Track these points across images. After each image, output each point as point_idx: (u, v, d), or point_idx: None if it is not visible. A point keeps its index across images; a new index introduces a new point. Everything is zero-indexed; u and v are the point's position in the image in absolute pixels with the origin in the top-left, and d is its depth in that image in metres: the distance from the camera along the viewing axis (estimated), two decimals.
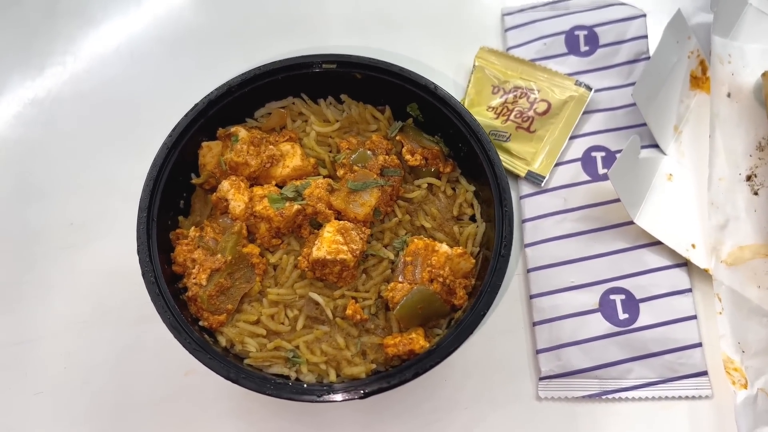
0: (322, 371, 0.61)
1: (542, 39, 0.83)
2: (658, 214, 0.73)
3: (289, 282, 0.63)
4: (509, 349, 0.70)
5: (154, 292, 0.58)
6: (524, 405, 0.68)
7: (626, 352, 0.69)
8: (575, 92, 0.79)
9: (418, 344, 0.59)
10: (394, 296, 0.61)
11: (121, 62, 0.85)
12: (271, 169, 0.66)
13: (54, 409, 0.68)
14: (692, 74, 0.80)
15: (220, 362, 0.56)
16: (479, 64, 0.82)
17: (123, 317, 0.72)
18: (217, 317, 0.61)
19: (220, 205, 0.65)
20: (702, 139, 0.77)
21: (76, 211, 0.77)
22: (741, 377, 0.67)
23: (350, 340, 0.62)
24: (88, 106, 0.83)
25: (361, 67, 0.67)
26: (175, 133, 0.64)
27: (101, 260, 0.74)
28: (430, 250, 0.62)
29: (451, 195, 0.68)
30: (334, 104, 0.72)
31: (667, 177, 0.76)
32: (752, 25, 0.81)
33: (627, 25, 0.83)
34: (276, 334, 0.62)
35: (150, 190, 0.62)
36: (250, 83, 0.67)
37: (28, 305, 0.72)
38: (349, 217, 0.63)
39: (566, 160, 0.77)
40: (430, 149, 0.67)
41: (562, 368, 0.69)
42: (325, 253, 0.60)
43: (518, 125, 0.78)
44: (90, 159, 0.79)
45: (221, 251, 0.62)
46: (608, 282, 0.72)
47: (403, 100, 0.69)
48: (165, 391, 0.69)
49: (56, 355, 0.70)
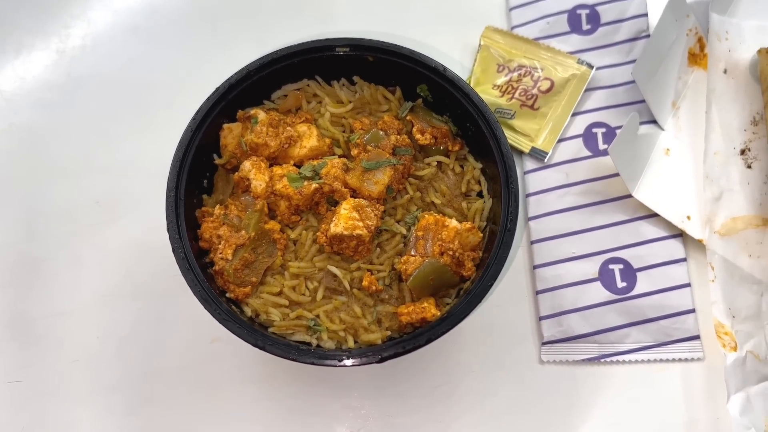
0: (341, 338, 0.65)
1: (545, 18, 0.86)
2: (656, 187, 0.77)
3: (309, 256, 0.67)
4: (514, 317, 0.75)
5: (184, 267, 0.62)
6: (528, 368, 0.73)
7: (624, 318, 0.73)
8: (577, 70, 0.82)
9: (430, 312, 0.63)
10: (407, 268, 0.65)
11: (140, 44, 0.88)
12: (289, 150, 0.70)
13: (89, 376, 0.73)
14: (690, 51, 0.83)
15: (247, 331, 0.60)
16: (485, 43, 0.85)
17: (151, 290, 0.76)
18: (243, 289, 0.65)
19: (242, 184, 0.69)
20: (699, 115, 0.81)
21: (101, 190, 0.80)
22: (731, 341, 0.71)
23: (366, 309, 0.66)
24: (108, 88, 0.86)
25: (373, 50, 0.70)
26: (198, 115, 0.68)
27: (128, 237, 0.78)
28: (440, 225, 0.66)
29: (459, 172, 0.72)
30: (347, 86, 0.75)
31: (664, 151, 0.79)
32: (750, 1, 0.84)
33: (628, 3, 0.86)
34: (297, 304, 0.66)
35: (177, 170, 0.65)
36: (268, 67, 0.70)
37: (62, 280, 0.77)
38: (364, 195, 0.67)
39: (568, 136, 0.81)
40: (439, 128, 0.71)
41: (564, 333, 0.73)
42: (342, 228, 0.64)
43: (522, 103, 0.81)
44: (112, 140, 0.83)
45: (245, 228, 0.66)
46: (607, 252, 0.76)
47: (413, 81, 0.72)
48: (192, 358, 0.73)
49: (89, 326, 0.75)
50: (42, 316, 0.75)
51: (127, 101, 0.85)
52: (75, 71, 0.86)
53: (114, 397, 0.73)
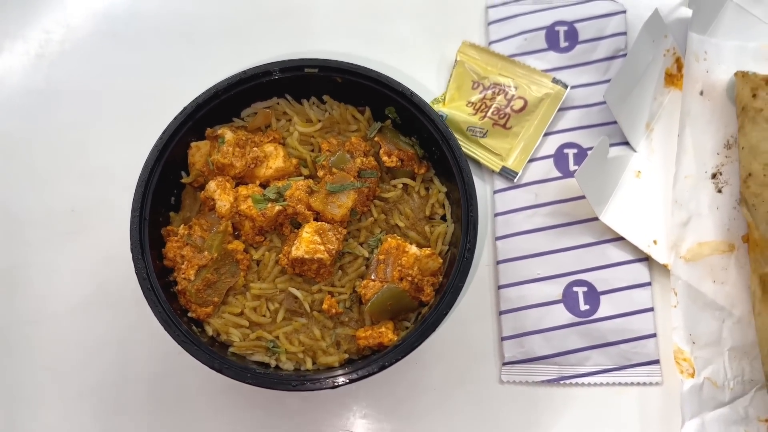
0: (300, 359, 0.67)
1: (523, 34, 0.85)
2: (624, 210, 0.77)
3: (271, 277, 0.69)
4: (476, 336, 0.76)
5: (146, 288, 0.63)
6: (488, 387, 0.74)
7: (585, 340, 0.74)
8: (551, 90, 0.82)
9: (387, 337, 0.65)
10: (366, 293, 0.66)
11: (119, 51, 0.88)
12: (256, 170, 0.70)
13: (60, 384, 0.75)
14: (667, 72, 0.83)
15: (205, 353, 0.62)
16: (460, 59, 0.85)
17: (122, 299, 0.77)
18: (204, 309, 0.67)
19: (208, 202, 0.70)
20: (673, 137, 0.80)
21: (77, 198, 0.81)
22: (689, 367, 0.72)
23: (326, 331, 0.68)
24: (86, 94, 0.86)
25: (341, 71, 0.71)
26: (165, 135, 0.68)
27: (101, 246, 0.79)
28: (401, 251, 0.67)
29: (425, 195, 0.72)
30: (317, 104, 0.75)
31: (635, 174, 0.79)
32: (731, 21, 0.83)
33: (607, 21, 0.85)
34: (258, 325, 0.68)
35: (142, 191, 0.66)
36: (236, 86, 0.70)
37: (35, 287, 0.78)
38: (327, 218, 0.68)
39: (539, 156, 0.81)
40: (405, 152, 0.71)
41: (525, 354, 0.74)
42: (303, 252, 0.65)
43: (495, 122, 0.81)
44: (88, 147, 0.84)
45: (208, 248, 0.67)
46: (572, 275, 0.77)
47: (382, 103, 0.72)
48: (162, 368, 0.75)
49: (61, 335, 0.76)
50: (14, 323, 0.77)
51: (104, 108, 0.85)
52: (53, 77, 0.87)
53: (84, 404, 0.75)
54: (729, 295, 0.74)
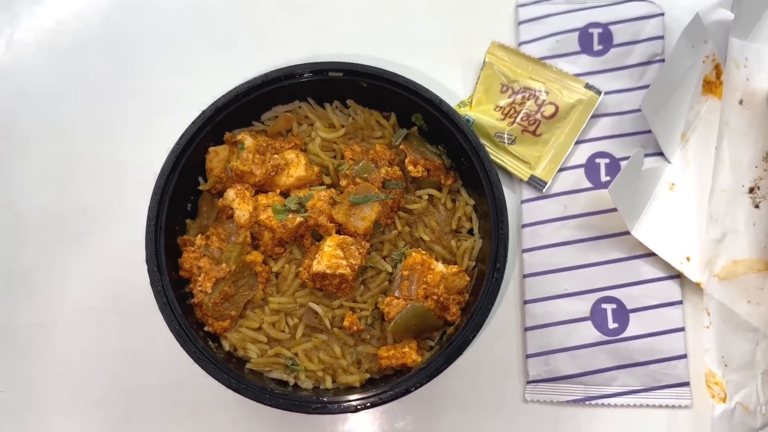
0: (319, 378, 0.65)
1: (555, 36, 0.82)
2: (656, 225, 0.74)
3: (290, 290, 0.66)
4: (500, 352, 0.73)
5: (161, 302, 0.61)
6: (511, 406, 0.72)
7: (613, 360, 0.72)
8: (584, 96, 0.78)
9: (411, 358, 0.62)
10: (390, 311, 0.63)
11: (134, 45, 0.85)
12: (276, 178, 0.67)
13: (72, 390, 0.73)
14: (705, 79, 0.79)
15: (222, 371, 0.59)
16: (489, 60, 0.81)
17: (136, 304, 0.74)
18: (221, 323, 0.64)
19: (226, 211, 0.67)
20: (709, 148, 0.77)
21: (89, 198, 0.79)
22: (721, 391, 0.69)
23: (346, 349, 0.65)
24: (101, 89, 0.83)
25: (367, 76, 0.67)
26: (182, 140, 0.65)
27: (114, 248, 0.77)
28: (426, 267, 0.64)
29: (451, 208, 0.69)
30: (341, 108, 0.72)
31: (669, 186, 0.76)
32: None
33: (643, 24, 0.81)
34: (276, 341, 0.65)
35: (158, 199, 0.64)
36: (258, 89, 0.67)
37: (46, 290, 0.76)
38: (350, 231, 0.65)
39: (570, 165, 0.78)
40: (432, 161, 0.68)
41: (550, 373, 0.72)
42: (325, 267, 0.62)
43: (524, 128, 0.78)
44: (102, 146, 0.81)
45: (226, 260, 0.64)
46: (601, 291, 0.74)
47: (409, 110, 0.69)
48: (175, 377, 0.73)
49: (73, 339, 0.74)
50: (26, 325, 0.75)
51: (118, 105, 0.82)
52: (66, 71, 0.84)
53: (95, 412, 0.73)
54: (764, 316, 0.72)
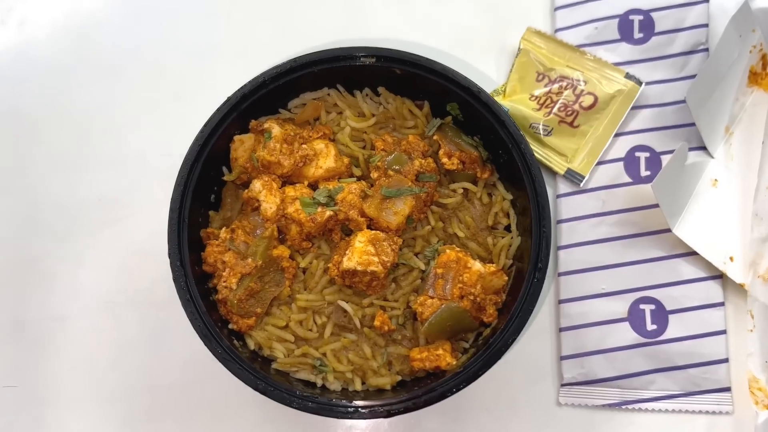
0: (348, 380, 0.62)
1: (594, 23, 0.78)
2: (698, 223, 0.71)
3: (318, 287, 0.63)
4: (534, 353, 0.71)
5: (185, 298, 0.58)
6: (544, 409, 0.69)
7: (650, 363, 0.69)
8: (624, 86, 0.75)
9: (445, 361, 0.59)
10: (423, 312, 0.60)
11: (150, 29, 0.81)
12: (304, 169, 0.64)
13: (87, 385, 0.71)
14: (752, 69, 0.75)
15: (248, 372, 0.57)
16: (524, 47, 0.77)
17: (152, 297, 0.72)
18: (246, 321, 0.61)
19: (252, 203, 0.64)
20: (754, 142, 0.74)
21: (105, 187, 0.76)
22: (765, 397, 0.66)
23: (377, 350, 0.62)
24: (118, 73, 0.80)
25: (402, 62, 0.64)
26: (206, 128, 0.62)
27: (131, 239, 0.74)
28: (462, 266, 0.61)
29: (487, 203, 0.66)
30: (371, 96, 0.68)
31: (711, 182, 0.73)
32: None
33: (687, 11, 0.77)
34: (303, 340, 0.62)
35: (181, 190, 0.61)
36: (285, 75, 0.64)
37: (60, 282, 0.73)
38: (382, 226, 0.62)
39: (608, 159, 0.74)
40: (468, 153, 0.65)
41: (585, 376, 0.69)
42: (356, 263, 0.59)
43: (561, 119, 0.74)
44: (118, 132, 0.78)
45: (251, 255, 0.61)
46: (639, 291, 0.71)
47: (444, 98, 0.66)
48: (193, 374, 0.70)
49: (89, 333, 0.72)
50: (40, 318, 0.72)
51: (136, 89, 0.79)
52: (81, 53, 0.80)
53: (110, 408, 0.70)
54: None
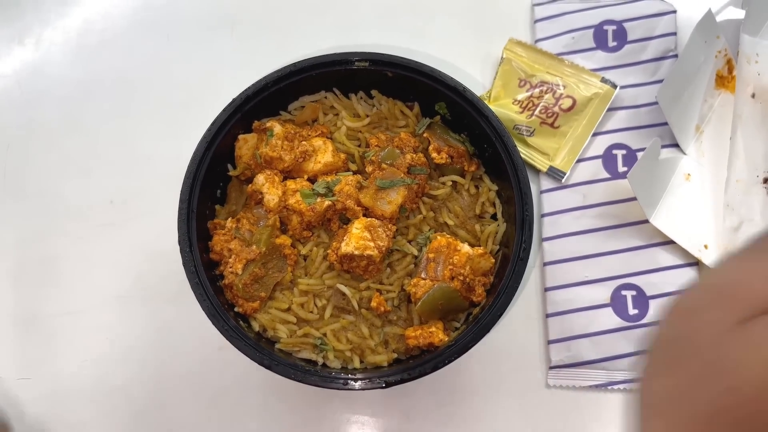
0: (347, 358, 0.65)
1: (571, 32, 0.84)
2: (674, 214, 0.75)
3: (318, 273, 0.67)
4: (522, 339, 0.74)
5: (194, 281, 0.62)
6: (534, 392, 0.73)
7: (634, 345, 0.72)
8: (600, 89, 0.80)
9: (438, 338, 0.63)
10: (417, 292, 0.65)
11: (159, 42, 0.87)
12: (304, 164, 0.69)
13: (98, 377, 0.74)
14: (718, 73, 0.81)
15: (254, 349, 0.60)
16: (507, 56, 0.83)
17: (161, 293, 0.76)
18: (251, 304, 0.65)
19: (255, 196, 0.68)
20: (722, 140, 0.79)
21: (116, 190, 0.80)
22: None
23: (374, 329, 0.66)
24: (127, 85, 0.85)
25: (393, 66, 0.69)
26: (213, 127, 0.67)
27: (140, 238, 0.78)
28: (452, 249, 0.66)
29: (474, 193, 0.71)
30: (365, 99, 0.74)
31: (685, 177, 0.78)
32: None
33: (656, 21, 0.83)
34: (305, 321, 0.66)
35: (190, 183, 0.65)
36: (286, 79, 0.69)
37: (73, 279, 0.77)
38: (377, 214, 0.67)
39: (587, 156, 0.79)
40: (455, 148, 0.70)
41: (572, 359, 0.73)
42: (353, 248, 0.64)
43: (543, 120, 0.80)
44: (128, 138, 0.83)
45: (256, 242, 0.66)
46: (621, 278, 0.75)
47: (432, 99, 0.71)
48: (199, 365, 0.74)
49: (100, 327, 0.75)
50: (53, 314, 0.76)
51: (144, 100, 0.84)
52: (93, 67, 0.86)
53: (120, 399, 0.73)
54: None
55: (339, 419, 0.72)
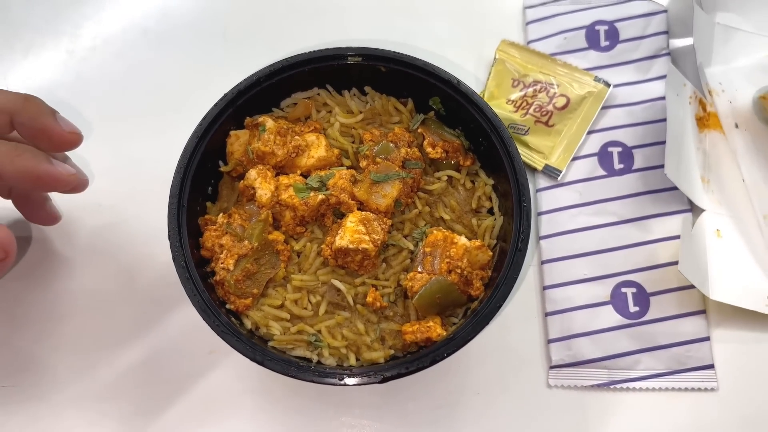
0: (343, 355, 0.63)
1: (563, 33, 0.84)
2: (725, 278, 0.71)
3: (312, 269, 0.66)
4: (522, 338, 0.73)
5: (184, 277, 0.60)
6: (534, 392, 0.71)
7: (635, 343, 0.71)
8: (594, 88, 0.80)
9: (435, 332, 0.61)
10: (413, 285, 0.63)
11: (150, 46, 0.86)
12: (297, 159, 0.68)
13: (84, 383, 0.71)
14: (697, 117, 0.78)
15: (246, 345, 0.58)
16: (500, 57, 0.83)
17: (149, 297, 0.74)
18: (243, 301, 0.63)
19: (247, 192, 0.67)
20: (727, 180, 0.76)
21: (104, 193, 0.79)
22: None
23: (370, 326, 0.64)
24: (116, 89, 0.84)
25: (386, 60, 0.69)
26: (204, 122, 0.66)
27: (129, 242, 0.76)
28: (449, 242, 0.64)
29: (470, 188, 0.70)
30: (358, 96, 0.73)
31: (716, 234, 0.73)
32: (724, 44, 0.80)
33: (648, 20, 0.84)
34: (299, 318, 0.64)
35: (180, 177, 0.64)
36: (278, 74, 0.68)
37: (60, 282, 0.75)
38: (371, 208, 0.66)
39: (583, 154, 0.79)
40: (450, 142, 0.69)
41: (573, 358, 0.71)
42: (347, 242, 0.62)
43: (537, 119, 0.79)
44: (117, 142, 0.81)
45: (248, 238, 0.64)
46: (620, 275, 0.74)
47: (426, 94, 0.70)
48: (189, 369, 0.71)
49: (86, 332, 0.73)
50: (39, 319, 0.74)
51: (135, 103, 0.84)
52: (84, 72, 0.85)
53: (108, 405, 0.71)
54: None
55: (333, 424, 0.69)
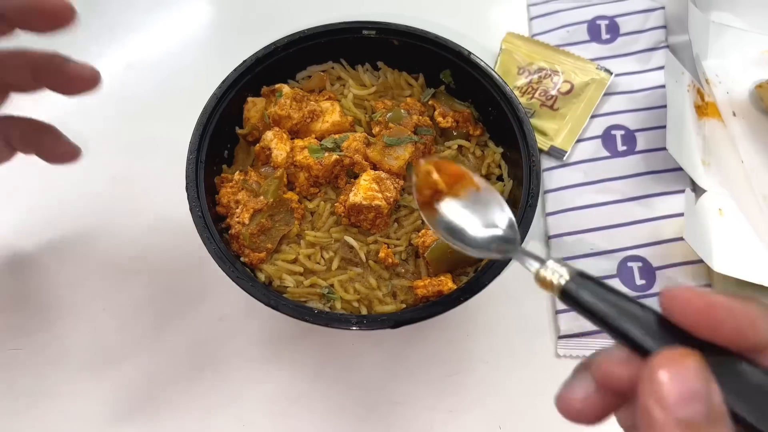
0: (355, 309, 0.64)
1: (565, 27, 0.88)
2: (729, 254, 0.72)
3: (326, 227, 0.67)
4: (530, 310, 0.73)
5: (200, 225, 0.61)
6: (543, 361, 0.71)
7: None
8: (596, 75, 0.83)
9: (447, 286, 0.62)
10: (425, 241, 0.64)
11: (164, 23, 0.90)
12: (312, 124, 0.70)
13: (93, 348, 0.71)
14: (695, 105, 0.81)
15: (261, 291, 0.59)
16: (506, 47, 0.86)
17: (161, 267, 0.74)
18: (258, 254, 0.64)
19: (263, 155, 0.69)
20: (726, 164, 0.78)
21: (118, 168, 0.80)
22: None
23: (382, 281, 0.65)
24: (132, 72, 0.87)
25: (399, 34, 0.71)
26: (224, 85, 0.68)
27: (142, 214, 0.77)
28: None
29: (480, 156, 0.72)
30: (371, 71, 0.76)
31: (719, 213, 0.75)
32: (718, 39, 0.84)
33: (646, 16, 0.88)
34: (312, 272, 0.65)
35: (199, 134, 0.65)
36: (295, 44, 0.71)
37: (71, 252, 0.76)
38: (384, 169, 0.67)
39: (587, 137, 0.81)
40: (461, 112, 0.71)
41: (580, 328, 0.71)
42: (361, 198, 0.64)
43: (542, 103, 0.82)
44: (130, 120, 0.83)
45: (264, 193, 0.65)
46: (626, 250, 0.75)
47: (437, 67, 0.73)
48: (198, 335, 0.71)
49: (96, 299, 0.73)
50: (48, 286, 0.74)
51: (148, 81, 0.86)
52: (102, 54, 0.88)
53: (116, 369, 0.70)
54: None
55: (341, 390, 0.69)
